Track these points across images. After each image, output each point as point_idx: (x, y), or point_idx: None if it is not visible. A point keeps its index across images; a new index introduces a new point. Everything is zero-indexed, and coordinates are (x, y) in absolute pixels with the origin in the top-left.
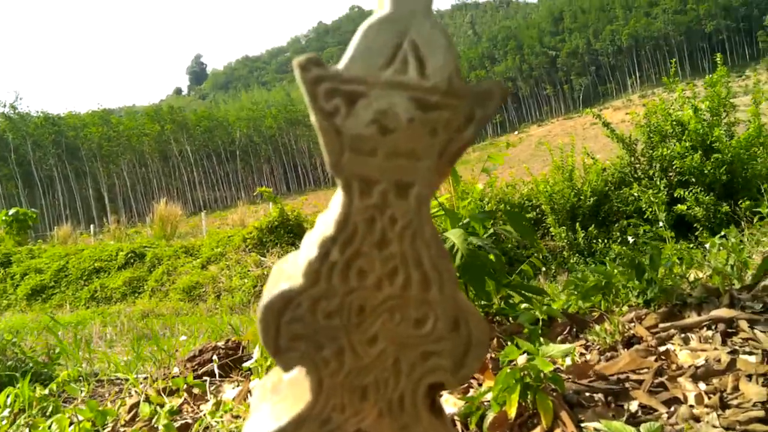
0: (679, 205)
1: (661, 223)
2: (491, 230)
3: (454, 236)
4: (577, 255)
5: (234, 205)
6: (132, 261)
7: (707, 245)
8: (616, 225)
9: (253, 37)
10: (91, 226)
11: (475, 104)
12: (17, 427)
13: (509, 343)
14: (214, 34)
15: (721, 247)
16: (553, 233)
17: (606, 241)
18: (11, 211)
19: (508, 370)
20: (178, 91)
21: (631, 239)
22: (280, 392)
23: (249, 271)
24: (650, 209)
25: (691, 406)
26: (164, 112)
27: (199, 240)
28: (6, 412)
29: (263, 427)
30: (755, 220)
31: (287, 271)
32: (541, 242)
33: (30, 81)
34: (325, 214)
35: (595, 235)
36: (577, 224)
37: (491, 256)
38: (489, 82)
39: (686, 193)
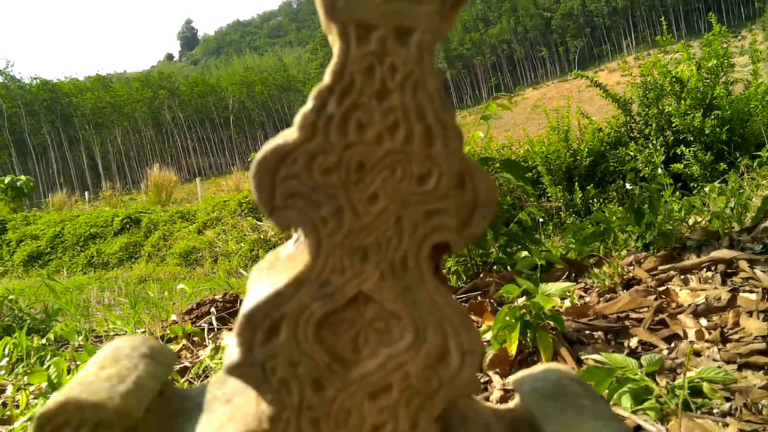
0: (675, 164)
1: (660, 170)
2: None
3: None
4: (573, 215)
5: (228, 171)
6: (128, 226)
7: (707, 189)
8: (612, 185)
9: (244, 2)
10: (86, 193)
11: None
12: (15, 375)
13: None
14: None
15: (720, 192)
16: (549, 194)
17: (602, 201)
18: (6, 179)
19: (508, 309)
20: (170, 57)
21: (629, 185)
22: (276, 267)
23: (245, 235)
24: (647, 168)
25: (692, 341)
26: (156, 78)
27: (195, 205)
28: (3, 362)
29: (261, 293)
30: (755, 165)
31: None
32: (537, 201)
33: (18, 47)
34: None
35: (591, 195)
36: (574, 184)
37: None
38: None
39: (686, 150)
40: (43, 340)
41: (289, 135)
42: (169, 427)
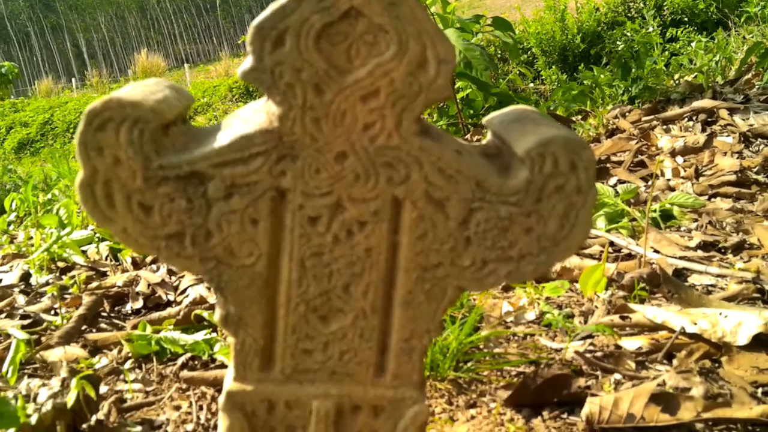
0: (671, 44)
1: (651, 29)
2: (480, 35)
3: (449, 35)
4: None
5: (217, 58)
6: None
7: (693, 44)
8: (608, 67)
9: None
10: (73, 80)
11: None
12: (24, 227)
13: None
14: None
15: (707, 50)
16: (543, 76)
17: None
18: None
19: None
20: None
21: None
22: None
23: None
24: (643, 48)
25: (668, 179)
26: None
27: None
28: (12, 216)
29: (267, 10)
30: (742, 20)
31: None
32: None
33: None
34: None
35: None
36: (569, 66)
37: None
38: None
39: (678, 32)
40: (49, 195)
41: None
42: (194, 137)
